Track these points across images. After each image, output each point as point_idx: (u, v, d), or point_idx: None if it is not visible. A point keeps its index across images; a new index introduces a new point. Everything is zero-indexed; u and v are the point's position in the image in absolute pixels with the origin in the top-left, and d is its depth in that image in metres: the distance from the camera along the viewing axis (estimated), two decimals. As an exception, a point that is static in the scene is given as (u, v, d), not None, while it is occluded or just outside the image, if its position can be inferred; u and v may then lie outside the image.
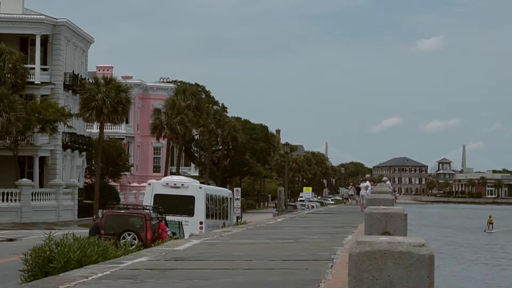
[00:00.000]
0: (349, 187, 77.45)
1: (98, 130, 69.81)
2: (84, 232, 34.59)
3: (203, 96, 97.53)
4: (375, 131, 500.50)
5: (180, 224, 33.30)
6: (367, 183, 44.00)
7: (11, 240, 43.29)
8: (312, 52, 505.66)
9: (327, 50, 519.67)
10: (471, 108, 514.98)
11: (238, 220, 49.37)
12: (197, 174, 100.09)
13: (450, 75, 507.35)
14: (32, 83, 65.65)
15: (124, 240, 26.32)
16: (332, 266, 11.81)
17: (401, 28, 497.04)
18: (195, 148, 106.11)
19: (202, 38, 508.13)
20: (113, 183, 79.09)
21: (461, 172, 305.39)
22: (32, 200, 60.09)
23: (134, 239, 27.63)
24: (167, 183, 37.09)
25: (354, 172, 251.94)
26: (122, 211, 30.81)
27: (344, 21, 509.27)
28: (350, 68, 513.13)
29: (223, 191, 45.67)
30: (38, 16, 67.44)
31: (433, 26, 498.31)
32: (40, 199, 61.65)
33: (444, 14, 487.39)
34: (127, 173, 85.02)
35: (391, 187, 38.93)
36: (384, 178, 47.43)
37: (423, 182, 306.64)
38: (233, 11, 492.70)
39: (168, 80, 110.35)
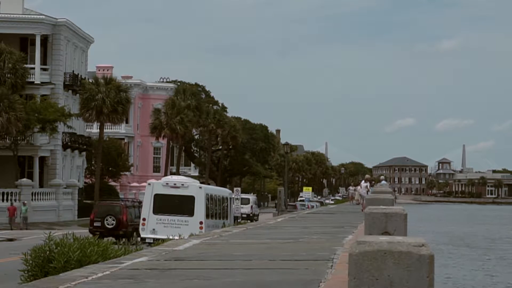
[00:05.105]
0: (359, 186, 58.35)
1: (98, 130, 69.80)
2: (84, 232, 34.60)
3: (203, 96, 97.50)
4: (386, 131, 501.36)
5: None
6: (365, 183, 44.16)
7: (11, 240, 43.30)
8: (314, 53, 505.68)
9: (329, 51, 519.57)
10: (482, 108, 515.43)
11: (238, 220, 49.36)
12: (197, 174, 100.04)
13: (463, 75, 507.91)
14: (32, 83, 65.64)
15: (107, 222, 40.67)
16: (332, 266, 11.80)
17: (416, 29, 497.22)
18: (195, 148, 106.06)
19: (202, 39, 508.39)
20: (113, 183, 79.10)
21: (461, 172, 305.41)
22: (32, 200, 60.08)
23: (114, 220, 40.79)
24: (167, 183, 37.02)
25: (354, 172, 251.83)
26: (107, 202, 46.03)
27: (345, 22, 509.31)
28: (350, 68, 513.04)
29: (223, 191, 45.62)
30: (38, 16, 67.44)
31: (447, 27, 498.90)
32: (40, 199, 61.66)
33: (458, 15, 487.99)
34: (127, 173, 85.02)
35: (386, 186, 38.91)
36: (381, 177, 47.46)
37: (423, 182, 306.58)
38: (234, 12, 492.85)
39: (168, 80, 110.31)
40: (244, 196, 75.78)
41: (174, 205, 36.10)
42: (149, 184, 37.84)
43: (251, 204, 75.54)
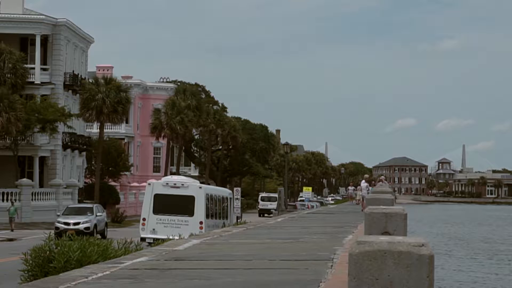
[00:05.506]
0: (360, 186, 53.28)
1: (98, 130, 69.78)
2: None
3: (203, 96, 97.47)
4: (386, 131, 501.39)
5: None
6: (365, 183, 44.26)
7: (11, 240, 43.32)
8: (314, 53, 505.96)
9: (329, 51, 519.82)
10: (482, 108, 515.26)
11: (238, 220, 49.35)
12: (197, 174, 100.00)
13: (463, 75, 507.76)
14: (32, 83, 65.63)
15: None
16: (332, 266, 11.81)
17: (416, 29, 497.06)
18: (195, 148, 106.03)
19: (202, 39, 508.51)
20: (113, 183, 79.02)
21: (461, 172, 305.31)
22: (32, 200, 60.05)
23: None
24: (167, 183, 36.99)
25: (354, 172, 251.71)
26: None
27: (345, 22, 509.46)
28: (350, 68, 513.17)
29: (223, 191, 45.60)
30: (38, 16, 67.42)
31: (447, 27, 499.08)
32: (40, 199, 61.62)
33: (458, 15, 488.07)
34: (127, 173, 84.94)
35: (386, 186, 38.93)
36: (381, 177, 47.52)
37: (423, 182, 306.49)
38: (234, 12, 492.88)
39: (168, 80, 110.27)
40: (273, 195, 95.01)
41: (174, 205, 36.07)
42: (149, 184, 37.81)
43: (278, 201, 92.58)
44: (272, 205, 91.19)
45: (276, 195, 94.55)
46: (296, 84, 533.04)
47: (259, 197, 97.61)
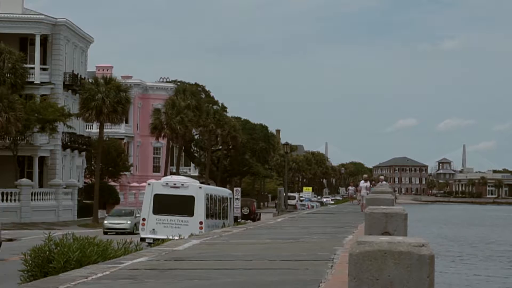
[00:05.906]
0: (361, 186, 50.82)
1: (98, 130, 69.77)
2: (84, 232, 34.52)
3: (203, 96, 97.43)
4: (386, 131, 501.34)
5: None
6: (365, 183, 44.25)
7: (11, 240, 43.26)
8: (314, 52, 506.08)
9: (329, 51, 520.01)
10: (484, 108, 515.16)
11: (238, 220, 49.34)
12: (197, 174, 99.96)
13: (464, 75, 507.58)
14: (32, 83, 65.65)
15: (244, 210, 55.65)
16: (332, 266, 11.79)
17: (416, 29, 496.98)
18: (195, 148, 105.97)
19: (202, 39, 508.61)
20: (113, 183, 79.05)
21: (461, 172, 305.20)
22: (31, 200, 60.04)
23: (248, 209, 58.75)
24: (167, 183, 36.95)
25: (354, 172, 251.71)
26: None
27: (345, 22, 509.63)
28: (350, 68, 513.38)
29: (223, 191, 45.57)
30: (37, 16, 67.45)
31: (448, 27, 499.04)
32: (40, 199, 61.61)
33: (458, 15, 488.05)
34: (126, 173, 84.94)
35: (387, 186, 38.87)
36: (381, 177, 47.50)
37: (423, 182, 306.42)
38: (234, 12, 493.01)
39: (168, 80, 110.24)
40: (291, 194, 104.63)
41: (174, 205, 36.03)
42: (149, 184, 37.77)
43: (296, 200, 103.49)
44: (291, 202, 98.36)
45: (294, 194, 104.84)
46: (296, 84, 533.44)
47: None
